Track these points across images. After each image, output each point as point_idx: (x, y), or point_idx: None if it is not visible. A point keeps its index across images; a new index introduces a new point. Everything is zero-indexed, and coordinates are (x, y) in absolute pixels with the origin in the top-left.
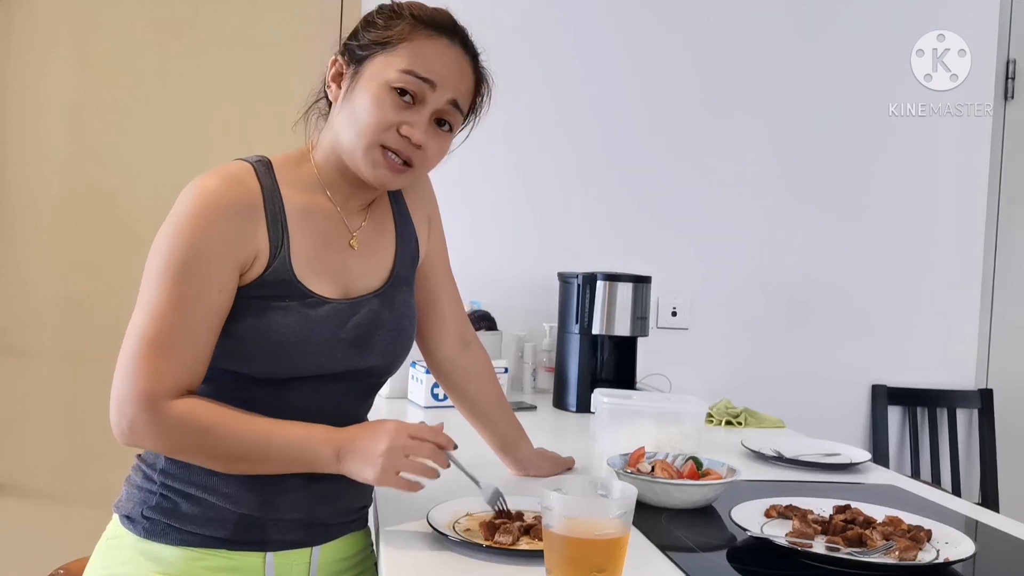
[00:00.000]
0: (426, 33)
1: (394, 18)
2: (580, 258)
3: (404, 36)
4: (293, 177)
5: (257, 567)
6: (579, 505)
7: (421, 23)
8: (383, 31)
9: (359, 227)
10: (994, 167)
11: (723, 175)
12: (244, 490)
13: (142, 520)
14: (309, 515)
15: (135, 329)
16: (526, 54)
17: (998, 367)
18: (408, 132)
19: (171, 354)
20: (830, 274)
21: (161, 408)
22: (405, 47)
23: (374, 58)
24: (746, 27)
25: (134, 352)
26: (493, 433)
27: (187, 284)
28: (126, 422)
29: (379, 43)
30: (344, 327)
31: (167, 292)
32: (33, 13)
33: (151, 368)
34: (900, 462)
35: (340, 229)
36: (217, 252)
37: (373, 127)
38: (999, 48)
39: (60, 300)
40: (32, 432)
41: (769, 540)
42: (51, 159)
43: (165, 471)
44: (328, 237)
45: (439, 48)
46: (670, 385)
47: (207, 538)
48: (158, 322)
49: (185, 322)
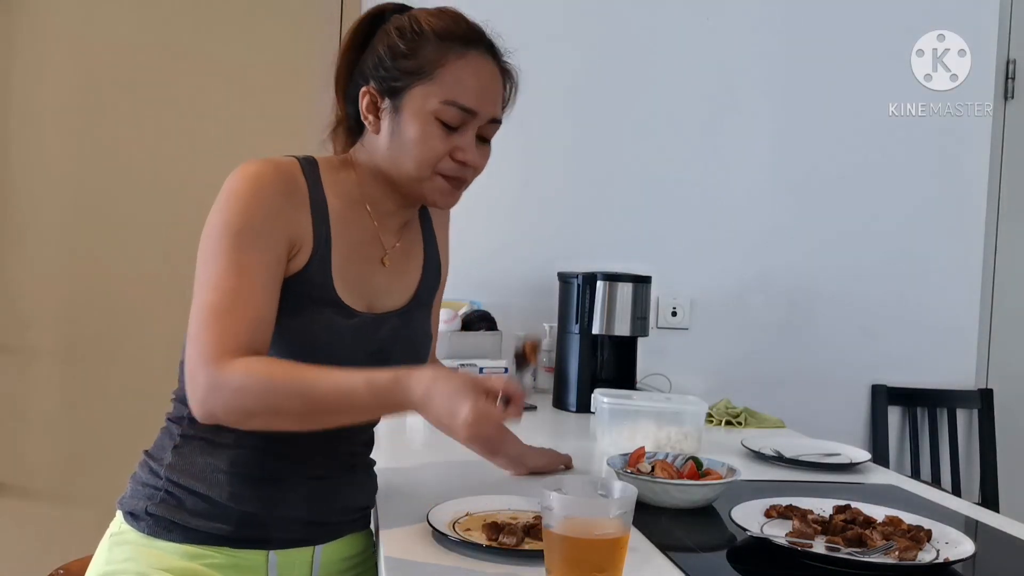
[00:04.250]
0: (456, 52)
1: (418, 40)
2: (580, 258)
3: (436, 61)
4: (335, 182)
5: (260, 565)
6: (579, 505)
7: (447, 41)
8: (413, 60)
9: (393, 246)
10: (994, 167)
11: (723, 175)
12: (247, 487)
13: (146, 517)
14: (311, 514)
15: (198, 302)
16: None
17: (998, 367)
18: (462, 157)
19: (235, 316)
20: (830, 274)
21: (227, 366)
22: (440, 74)
23: (411, 89)
24: (746, 27)
25: (200, 322)
26: None
27: (244, 251)
28: (200, 391)
29: (412, 73)
30: (367, 341)
31: (225, 260)
32: (33, 14)
33: (216, 331)
34: (900, 462)
35: (375, 245)
36: (270, 222)
37: (429, 160)
38: (999, 48)
39: (60, 300)
40: (32, 432)
41: (769, 540)
42: (51, 159)
43: (172, 466)
44: (362, 250)
45: (473, 67)
46: (670, 385)
47: (210, 535)
48: (220, 289)
49: (245, 285)
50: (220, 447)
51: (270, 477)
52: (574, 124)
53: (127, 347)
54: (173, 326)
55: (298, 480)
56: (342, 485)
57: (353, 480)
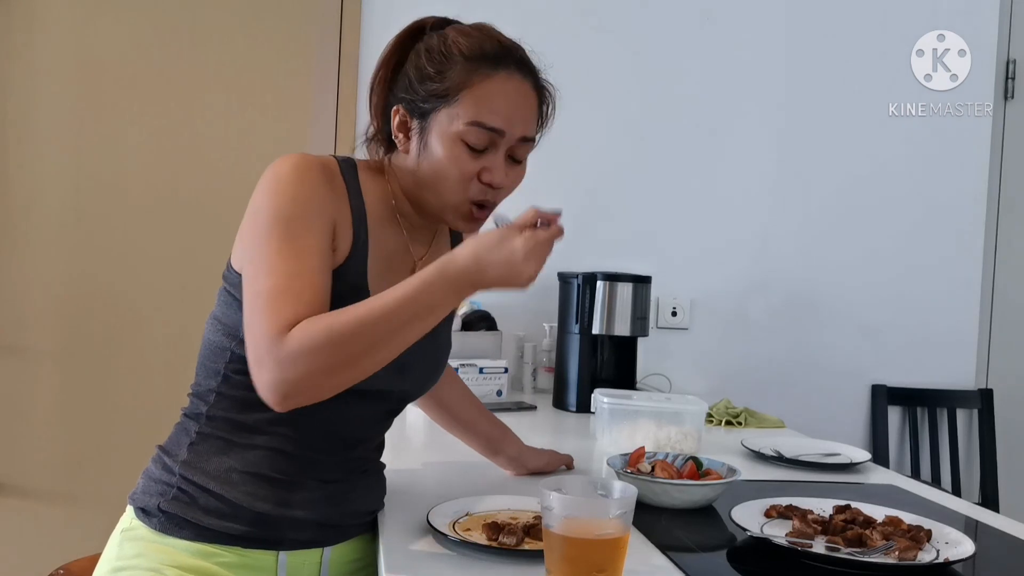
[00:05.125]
0: (483, 73)
1: (445, 62)
2: (580, 258)
3: (462, 83)
4: (372, 187)
5: (270, 565)
6: (579, 505)
7: (474, 62)
8: (439, 83)
9: (422, 257)
10: (994, 167)
11: (723, 175)
12: (261, 488)
13: (158, 514)
14: (323, 516)
15: (254, 289)
16: None
17: (998, 367)
18: (489, 179)
19: (292, 295)
20: (830, 274)
21: (285, 340)
22: (466, 96)
23: (437, 112)
24: (746, 27)
25: (258, 308)
26: (477, 435)
27: (297, 235)
28: (267, 374)
29: (439, 96)
30: None
31: (279, 244)
32: (33, 13)
33: (275, 313)
34: (900, 462)
35: (405, 254)
36: (319, 208)
37: (456, 184)
38: (999, 48)
39: (60, 300)
40: (32, 432)
41: (769, 540)
42: (51, 159)
43: (187, 463)
44: (395, 257)
45: (500, 86)
46: (670, 385)
47: (222, 534)
48: (276, 273)
49: (302, 267)
50: (236, 447)
51: (285, 479)
52: (574, 124)
53: (127, 347)
54: (173, 326)
55: (312, 483)
56: (354, 488)
57: (365, 483)
